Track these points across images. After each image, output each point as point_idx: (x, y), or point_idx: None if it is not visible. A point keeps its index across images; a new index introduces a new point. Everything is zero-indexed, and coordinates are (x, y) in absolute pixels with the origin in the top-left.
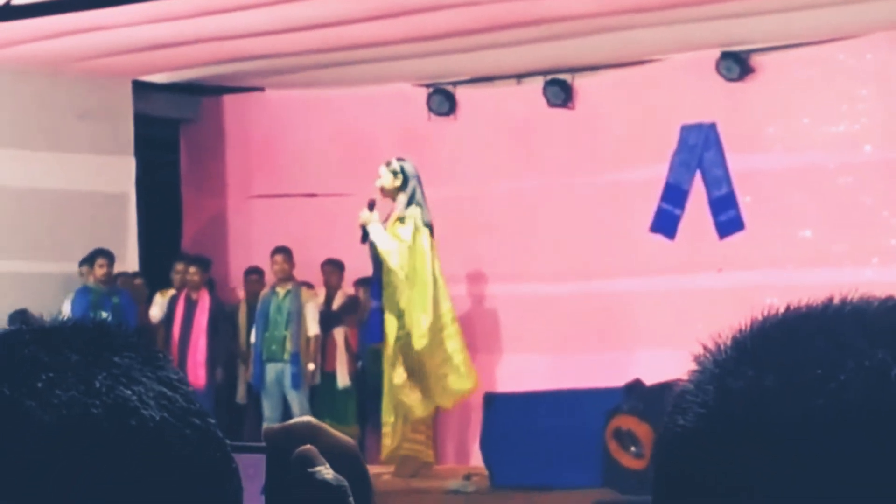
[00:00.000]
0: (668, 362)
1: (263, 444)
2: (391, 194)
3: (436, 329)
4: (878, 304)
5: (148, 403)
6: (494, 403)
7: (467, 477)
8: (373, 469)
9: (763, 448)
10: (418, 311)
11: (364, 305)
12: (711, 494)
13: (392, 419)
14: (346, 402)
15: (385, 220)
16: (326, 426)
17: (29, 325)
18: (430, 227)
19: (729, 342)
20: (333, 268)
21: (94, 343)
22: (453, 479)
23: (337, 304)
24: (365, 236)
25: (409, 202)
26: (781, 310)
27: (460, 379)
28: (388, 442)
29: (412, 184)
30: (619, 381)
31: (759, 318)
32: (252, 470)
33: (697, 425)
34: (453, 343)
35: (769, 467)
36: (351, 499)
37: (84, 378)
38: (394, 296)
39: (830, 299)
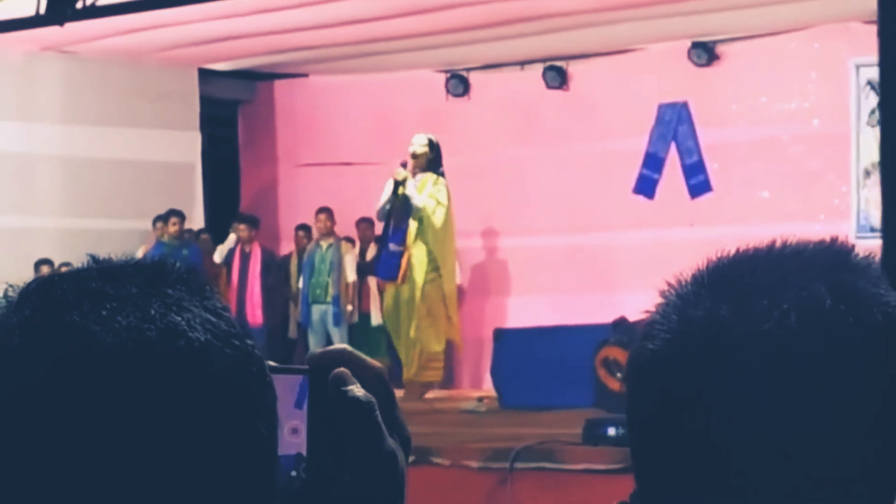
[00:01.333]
0: (649, 302)
1: (306, 367)
2: (420, 161)
3: (453, 279)
4: (813, 246)
5: (195, 327)
6: (503, 337)
7: (480, 399)
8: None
9: (719, 365)
10: (451, 258)
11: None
12: (676, 406)
13: (413, 350)
14: (379, 338)
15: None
16: (359, 353)
17: (98, 262)
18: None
19: (689, 279)
20: (367, 224)
21: (150, 277)
22: (467, 401)
23: (370, 255)
24: (396, 189)
25: (439, 171)
26: (732, 252)
27: (451, 327)
28: (412, 370)
29: (439, 156)
30: (607, 318)
31: (714, 258)
32: (297, 387)
33: (664, 348)
34: (439, 305)
35: (725, 382)
36: (378, 413)
37: (141, 307)
38: (428, 244)
39: (773, 242)
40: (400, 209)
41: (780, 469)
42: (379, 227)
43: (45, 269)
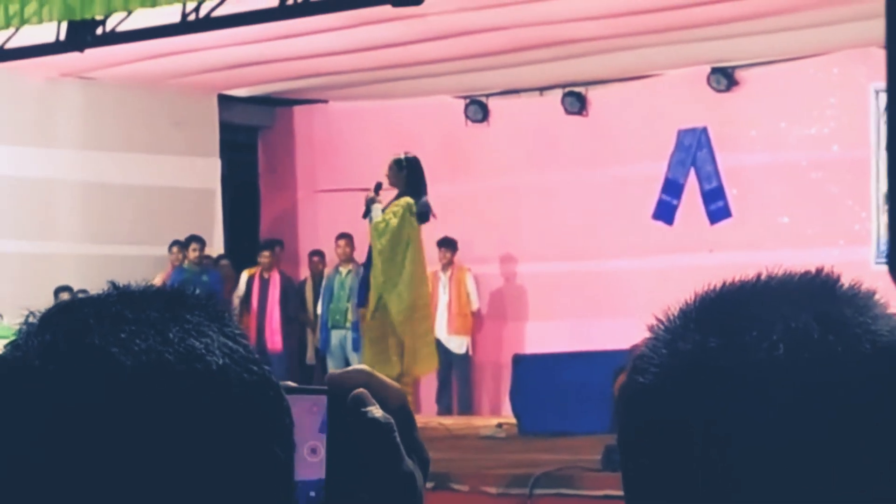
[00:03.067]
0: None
1: (326, 387)
2: (395, 183)
3: (412, 308)
4: (799, 277)
5: (213, 352)
6: (521, 363)
7: (499, 425)
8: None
9: (709, 397)
10: (391, 286)
11: None
12: (667, 439)
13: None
14: None
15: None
16: (378, 374)
17: (119, 288)
18: (422, 217)
19: (677, 313)
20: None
21: (170, 303)
22: (487, 427)
23: None
24: (367, 213)
25: (404, 193)
26: (719, 285)
27: (429, 357)
28: None
29: (413, 177)
30: (625, 344)
31: (702, 292)
32: (316, 408)
33: (654, 381)
34: (425, 325)
35: (715, 414)
36: (396, 434)
37: (160, 330)
38: (377, 268)
39: (759, 275)
40: (371, 233)
41: (771, 500)
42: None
43: (64, 296)
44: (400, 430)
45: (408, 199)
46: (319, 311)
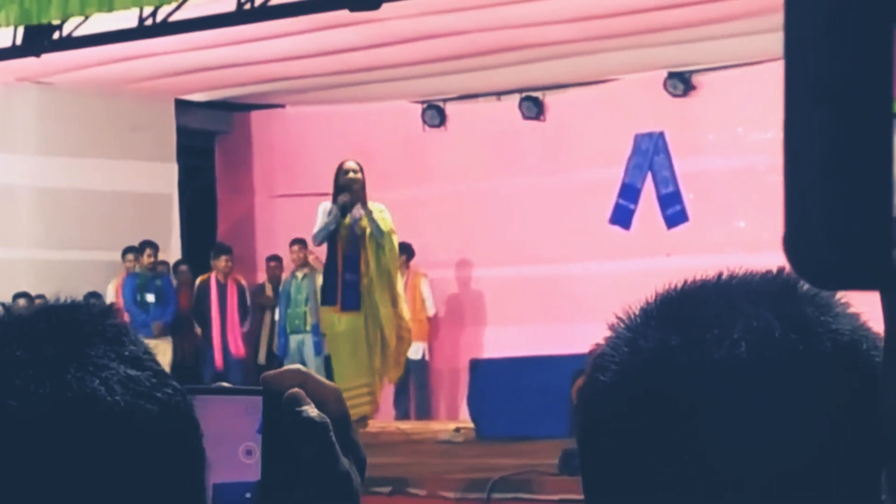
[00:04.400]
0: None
1: (261, 388)
2: (360, 186)
3: (401, 315)
4: (760, 276)
5: (113, 389)
6: (479, 368)
7: (457, 430)
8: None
9: (670, 395)
10: (388, 291)
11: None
12: (627, 437)
13: (368, 380)
14: None
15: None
16: (314, 373)
17: (11, 317)
18: None
19: (638, 311)
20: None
21: (66, 333)
22: (444, 431)
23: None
24: (343, 214)
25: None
26: (680, 284)
27: (403, 364)
28: (375, 402)
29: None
30: (583, 348)
31: (663, 291)
32: (251, 409)
33: (614, 379)
34: (408, 333)
35: (676, 411)
36: (332, 433)
37: (57, 372)
38: (390, 270)
39: (720, 274)
40: (347, 236)
41: (733, 496)
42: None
43: (21, 303)
44: (336, 429)
45: (380, 205)
46: (277, 317)
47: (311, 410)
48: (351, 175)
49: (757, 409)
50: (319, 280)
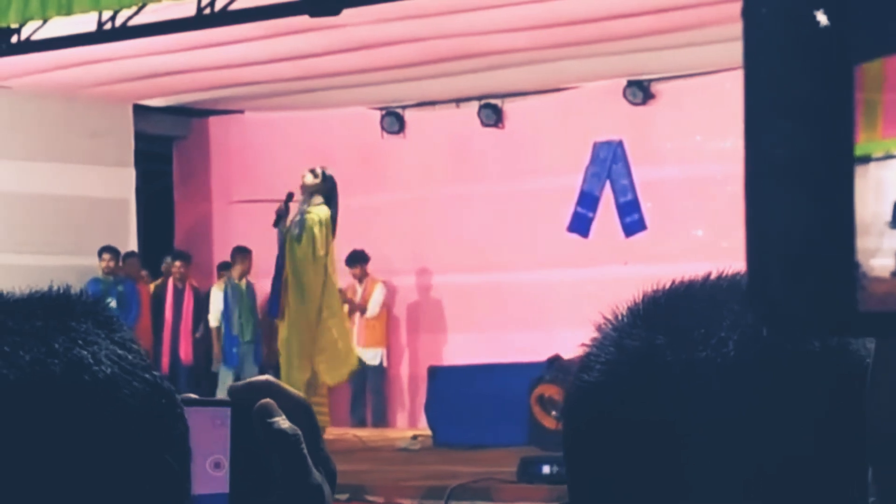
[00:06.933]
0: (583, 340)
1: (229, 399)
2: (309, 193)
3: (324, 315)
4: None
5: (101, 360)
6: (437, 375)
7: (414, 437)
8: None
9: (656, 395)
10: (314, 285)
11: None
12: (613, 437)
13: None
14: None
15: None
16: (283, 384)
17: (4, 296)
18: (332, 229)
19: (625, 311)
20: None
21: (55, 311)
22: (402, 439)
23: None
24: (277, 221)
25: (324, 202)
26: (668, 284)
27: (341, 364)
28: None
29: (329, 190)
30: (541, 356)
31: (650, 290)
32: (219, 421)
33: (600, 379)
34: (338, 331)
35: (663, 411)
36: (304, 445)
37: (45, 341)
38: (295, 266)
39: (709, 274)
40: (280, 243)
41: (721, 498)
42: None
43: None
44: (306, 441)
45: (328, 210)
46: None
47: (283, 422)
48: (303, 179)
49: (744, 408)
50: (260, 288)
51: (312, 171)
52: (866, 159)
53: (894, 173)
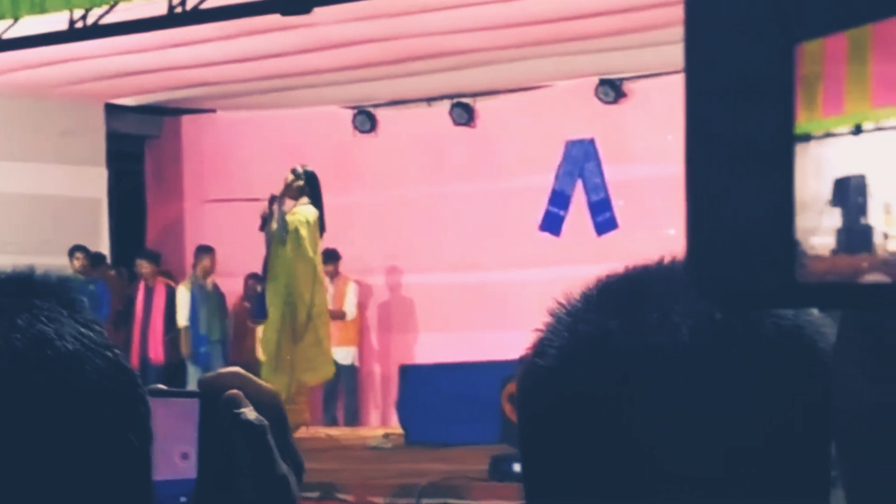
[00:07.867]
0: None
1: (198, 390)
2: (293, 194)
3: (311, 315)
4: None
5: (64, 337)
6: (409, 374)
7: (386, 436)
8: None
9: (610, 379)
10: (303, 286)
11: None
12: (568, 421)
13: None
14: None
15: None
16: (252, 376)
17: None
18: (322, 229)
19: (579, 296)
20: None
21: (20, 289)
22: (373, 437)
23: None
24: (264, 224)
25: (306, 204)
26: (622, 269)
27: (323, 363)
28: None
29: (313, 188)
30: (513, 354)
31: (603, 276)
32: (188, 412)
33: (553, 364)
34: (323, 331)
35: (617, 395)
36: (270, 436)
37: (9, 316)
38: (284, 268)
39: (662, 258)
40: (269, 241)
41: (677, 482)
42: None
43: None
44: (274, 432)
45: (314, 211)
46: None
47: (250, 413)
48: (285, 180)
49: (698, 392)
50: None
51: (294, 171)
52: (806, 138)
53: (834, 152)
